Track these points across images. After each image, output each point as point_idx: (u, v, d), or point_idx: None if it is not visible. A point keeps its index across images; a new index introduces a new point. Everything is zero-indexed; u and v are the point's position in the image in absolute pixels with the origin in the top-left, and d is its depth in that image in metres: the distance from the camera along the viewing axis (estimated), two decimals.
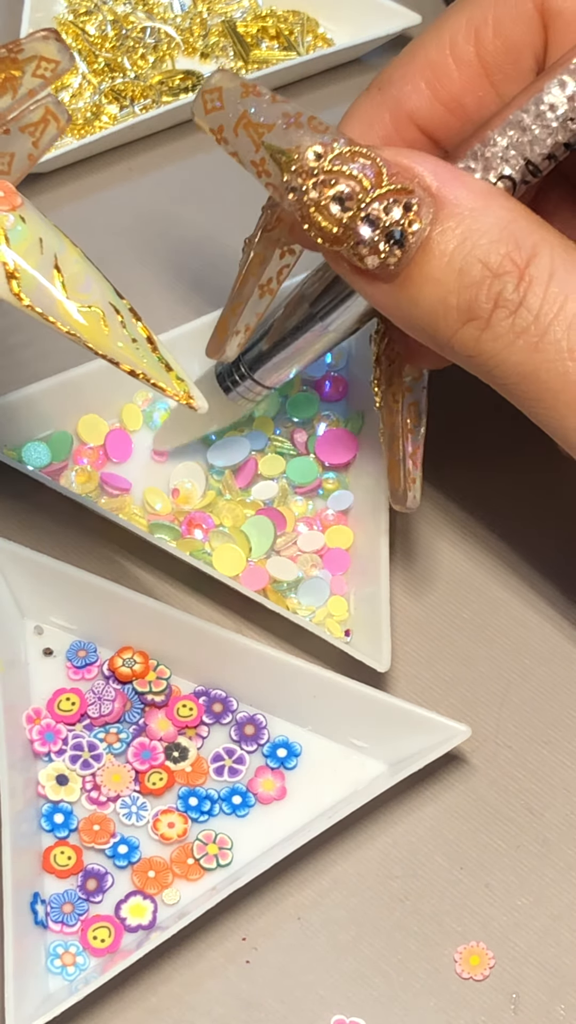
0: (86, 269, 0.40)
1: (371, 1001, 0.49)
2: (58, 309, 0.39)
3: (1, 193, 0.39)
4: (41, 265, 0.39)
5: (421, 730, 0.51)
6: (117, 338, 0.40)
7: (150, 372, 0.40)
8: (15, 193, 0.39)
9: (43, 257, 0.39)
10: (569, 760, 0.53)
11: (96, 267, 0.41)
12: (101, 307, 0.40)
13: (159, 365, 0.40)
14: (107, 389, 0.58)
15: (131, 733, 0.52)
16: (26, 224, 0.39)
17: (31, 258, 0.39)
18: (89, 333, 0.40)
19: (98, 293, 0.40)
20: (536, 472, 0.59)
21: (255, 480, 0.58)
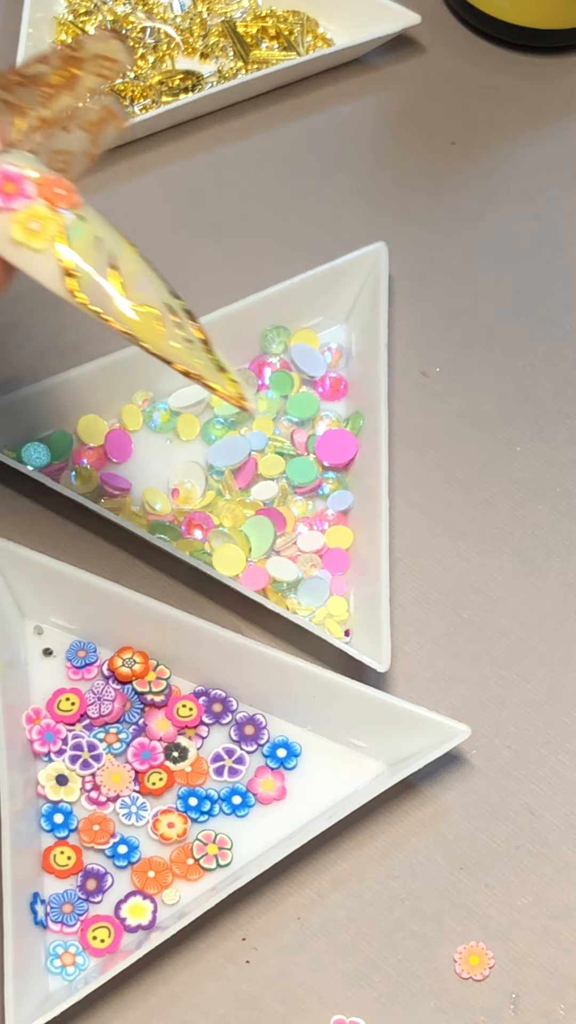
0: (143, 269, 0.40)
1: (371, 1001, 0.49)
2: (113, 308, 0.39)
3: (62, 191, 0.39)
4: (98, 264, 0.39)
5: (421, 730, 0.51)
6: (171, 338, 0.40)
7: (204, 372, 0.40)
8: (75, 191, 0.39)
9: (100, 256, 0.39)
10: (569, 760, 0.53)
11: (153, 267, 0.40)
12: (156, 307, 0.40)
13: (212, 366, 0.40)
14: (107, 389, 0.58)
15: (131, 733, 0.52)
16: (85, 223, 0.39)
17: (89, 257, 0.39)
18: (144, 332, 0.39)
19: (154, 293, 0.40)
20: (535, 472, 0.59)
21: (255, 480, 0.58)
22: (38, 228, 0.38)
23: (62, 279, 0.38)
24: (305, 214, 0.65)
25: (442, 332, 0.62)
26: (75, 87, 0.44)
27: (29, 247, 0.38)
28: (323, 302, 0.61)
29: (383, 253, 0.61)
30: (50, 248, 0.38)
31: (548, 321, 0.63)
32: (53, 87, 0.44)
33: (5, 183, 0.38)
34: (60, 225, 0.38)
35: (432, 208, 0.66)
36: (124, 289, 0.39)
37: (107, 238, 0.40)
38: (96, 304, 0.39)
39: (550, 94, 0.69)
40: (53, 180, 0.39)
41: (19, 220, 0.38)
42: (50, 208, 0.38)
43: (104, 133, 0.46)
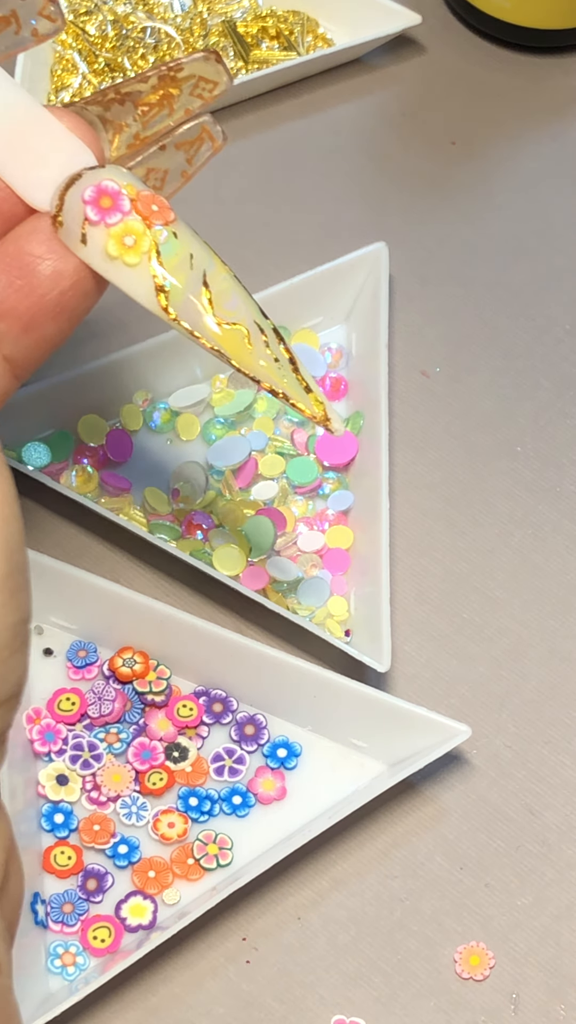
0: (233, 287, 0.40)
1: (371, 1001, 0.49)
2: (203, 324, 0.39)
3: (155, 207, 0.39)
4: (190, 281, 0.39)
5: (421, 730, 0.51)
6: (260, 356, 0.40)
7: (290, 392, 0.40)
8: (169, 208, 0.40)
9: (193, 273, 0.39)
10: (569, 760, 0.53)
11: (244, 286, 0.41)
12: (246, 325, 0.40)
13: (299, 385, 0.41)
14: (107, 389, 0.58)
15: (131, 733, 0.52)
16: (178, 240, 0.39)
17: (181, 273, 0.39)
18: (233, 350, 0.40)
19: (244, 311, 0.40)
20: (535, 472, 0.59)
21: (255, 480, 0.58)
22: (132, 243, 0.39)
23: (154, 294, 0.39)
24: (305, 214, 0.66)
25: (442, 332, 0.62)
26: (172, 106, 0.45)
27: (123, 261, 0.39)
28: (323, 302, 0.61)
29: (383, 253, 0.61)
30: (143, 263, 0.39)
31: (548, 321, 0.63)
32: (150, 106, 0.45)
33: (102, 197, 0.38)
34: (154, 241, 0.39)
35: (432, 208, 0.66)
36: (214, 306, 0.40)
37: (199, 255, 0.40)
38: (186, 320, 0.39)
39: (550, 94, 0.69)
40: (148, 196, 0.39)
41: (114, 235, 0.38)
42: (145, 224, 0.39)
43: (200, 153, 0.47)
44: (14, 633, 0.32)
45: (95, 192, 0.38)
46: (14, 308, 0.39)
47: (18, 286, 0.39)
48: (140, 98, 0.45)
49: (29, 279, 0.39)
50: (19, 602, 0.32)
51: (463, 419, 0.60)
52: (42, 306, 0.39)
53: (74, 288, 0.39)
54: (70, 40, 0.69)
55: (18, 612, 0.32)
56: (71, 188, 0.39)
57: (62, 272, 0.39)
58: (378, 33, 0.68)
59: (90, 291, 0.40)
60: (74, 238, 0.39)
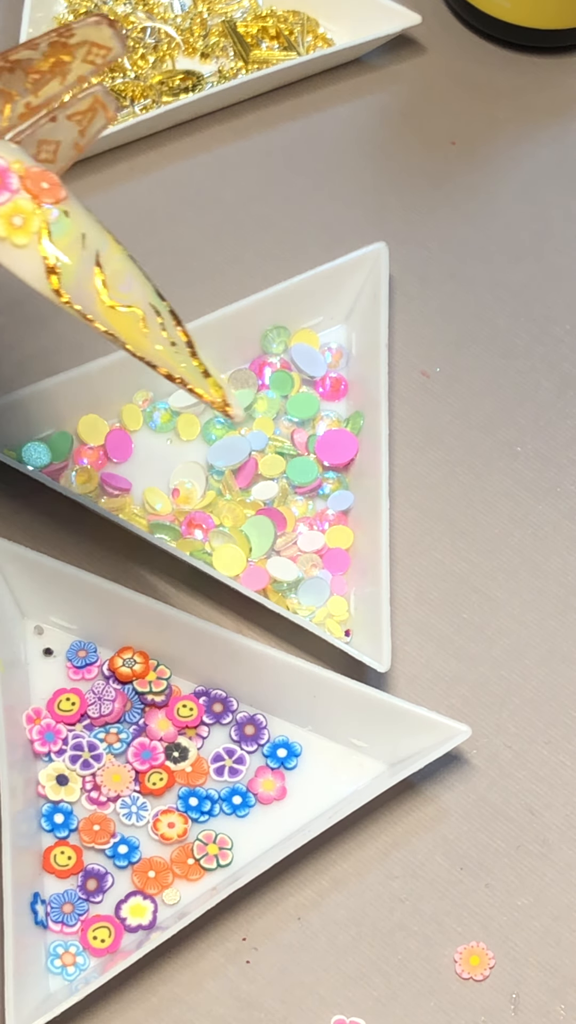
0: (128, 268, 0.39)
1: (371, 1001, 0.49)
2: (97, 307, 0.38)
3: (46, 185, 0.38)
4: (82, 261, 0.38)
5: (421, 730, 0.51)
6: (155, 340, 0.39)
7: (187, 377, 0.39)
8: (60, 185, 0.38)
9: (85, 253, 0.38)
10: (569, 760, 0.53)
11: (139, 266, 0.39)
12: (141, 307, 0.39)
13: (197, 370, 0.39)
14: (107, 389, 0.58)
15: (131, 733, 0.52)
16: (69, 219, 0.38)
17: (72, 254, 0.38)
18: (127, 333, 0.38)
19: (139, 293, 0.39)
20: (535, 472, 0.59)
21: (255, 480, 0.58)
22: (21, 223, 0.37)
23: (45, 276, 0.37)
24: (305, 214, 0.65)
25: (442, 332, 0.62)
26: (64, 74, 0.43)
27: (11, 242, 0.37)
28: (323, 302, 0.61)
29: (383, 253, 0.61)
30: (33, 244, 0.37)
31: (548, 321, 0.63)
32: (41, 73, 0.43)
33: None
34: (44, 220, 0.37)
35: (432, 208, 0.66)
36: (108, 288, 0.38)
37: (92, 235, 0.38)
38: (79, 303, 0.38)
39: (550, 94, 0.69)
40: (38, 173, 0.38)
41: (2, 214, 0.37)
42: (34, 202, 0.37)
43: (93, 124, 0.45)
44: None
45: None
46: None
47: None
48: (31, 65, 0.43)
49: None
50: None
51: (463, 419, 0.60)
52: None
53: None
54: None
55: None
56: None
57: None
58: (378, 33, 0.68)
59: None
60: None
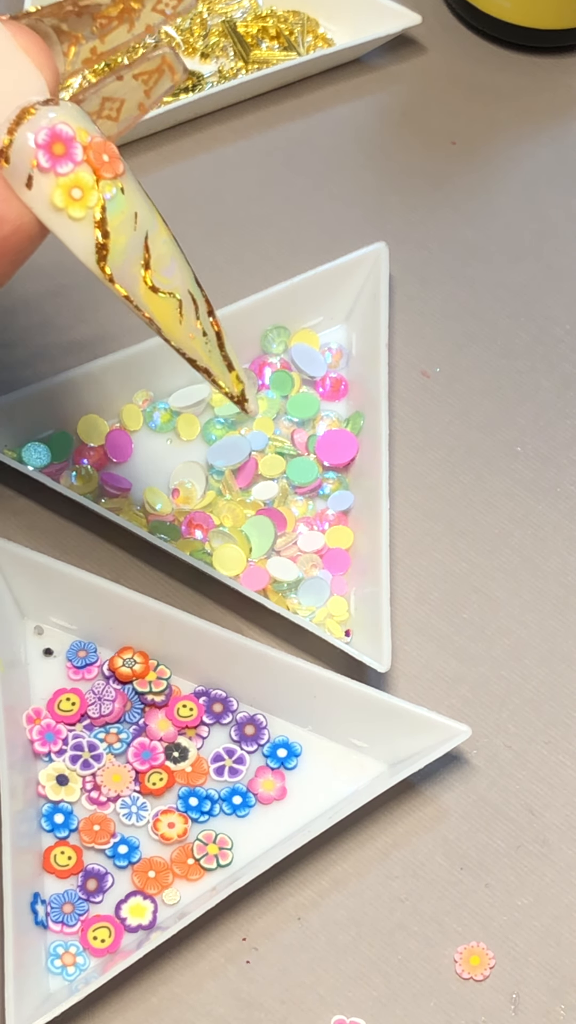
0: (172, 251, 0.39)
1: (371, 1001, 0.49)
2: (139, 289, 0.38)
3: (107, 157, 0.37)
4: (132, 242, 0.38)
5: (421, 730, 0.51)
6: (188, 329, 0.38)
7: (212, 368, 0.39)
8: (119, 159, 0.38)
9: (135, 234, 0.38)
10: (569, 760, 0.53)
11: (182, 251, 0.39)
12: (180, 294, 0.38)
13: (222, 363, 0.39)
14: (107, 389, 0.58)
15: (131, 733, 0.52)
16: (124, 196, 0.38)
17: (123, 233, 0.37)
18: (164, 320, 0.38)
19: (179, 279, 0.38)
20: (535, 472, 0.59)
21: (255, 480, 0.58)
22: (79, 196, 0.37)
23: (94, 252, 0.37)
24: (305, 214, 0.65)
25: (442, 332, 0.62)
26: (132, 21, 0.43)
27: (68, 214, 0.37)
28: (323, 302, 0.61)
29: (383, 253, 0.61)
30: (88, 219, 0.37)
31: (548, 321, 0.63)
32: (109, 19, 0.42)
33: (55, 143, 0.36)
34: (101, 196, 0.37)
35: (432, 208, 0.66)
36: (152, 271, 0.38)
37: (143, 215, 0.38)
38: (122, 283, 0.37)
39: (550, 94, 0.69)
40: (100, 144, 0.37)
41: (62, 185, 0.37)
42: (94, 176, 0.37)
43: (159, 84, 0.44)
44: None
45: (48, 136, 0.36)
46: None
47: None
48: (99, 11, 0.42)
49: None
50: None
51: (463, 419, 0.60)
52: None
53: (16, 233, 0.37)
54: None
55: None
56: (23, 125, 0.37)
57: (3, 216, 0.37)
58: (378, 33, 0.68)
59: (34, 235, 0.38)
60: (19, 179, 0.37)
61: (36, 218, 0.37)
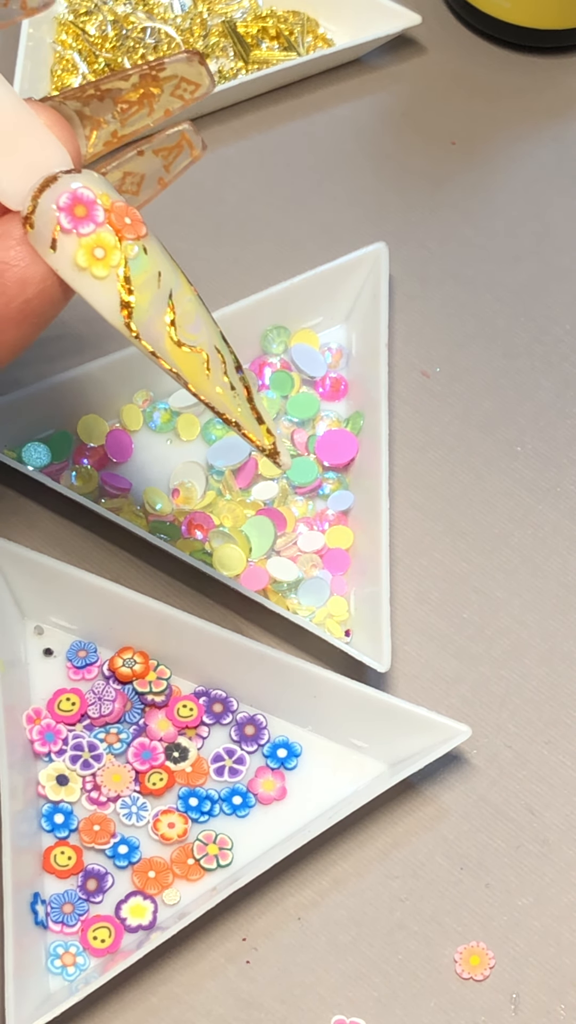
0: (197, 309, 0.40)
1: (371, 1001, 0.49)
2: (165, 345, 0.39)
3: (128, 220, 0.38)
4: (156, 299, 0.39)
5: (421, 730, 0.51)
6: (216, 383, 0.39)
7: (242, 421, 0.40)
8: (141, 222, 0.39)
9: (159, 291, 0.39)
10: (569, 760, 0.53)
11: (207, 309, 0.40)
12: (206, 350, 0.39)
13: (251, 416, 0.40)
14: (107, 389, 0.58)
15: (131, 733, 0.52)
16: (148, 256, 0.39)
17: (147, 291, 0.39)
18: (191, 374, 0.39)
19: (205, 335, 0.40)
20: (535, 472, 0.59)
21: (255, 480, 0.58)
22: (102, 256, 0.38)
23: (119, 310, 0.38)
24: (305, 214, 0.66)
25: (442, 332, 0.62)
26: (152, 106, 0.44)
27: (91, 273, 0.38)
28: (323, 302, 0.61)
29: (383, 253, 0.61)
30: (111, 277, 0.38)
31: (548, 321, 0.63)
32: (130, 103, 0.44)
33: (76, 205, 0.38)
34: (123, 256, 0.38)
35: (432, 208, 0.66)
36: (177, 327, 0.39)
37: (167, 274, 0.39)
38: (148, 339, 0.38)
39: (550, 94, 0.69)
40: (122, 208, 0.38)
41: (85, 245, 0.38)
42: (116, 237, 0.38)
43: (178, 160, 0.46)
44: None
45: (70, 199, 0.38)
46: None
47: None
48: (120, 95, 0.44)
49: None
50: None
51: (463, 419, 0.60)
52: (6, 312, 0.38)
53: (40, 296, 0.38)
54: (70, 40, 0.69)
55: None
56: (46, 191, 0.38)
57: (29, 279, 0.38)
58: (378, 33, 0.68)
59: (56, 299, 0.39)
60: (44, 243, 0.38)
61: (59, 281, 0.38)
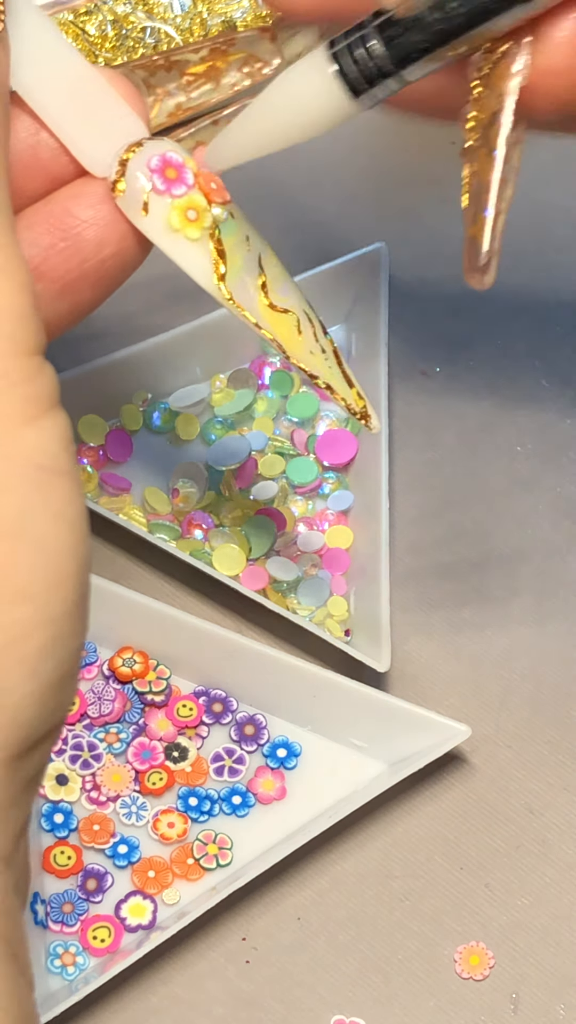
0: (284, 274, 0.40)
1: (371, 1001, 0.49)
2: (258, 309, 0.38)
3: (214, 185, 0.38)
4: (247, 262, 0.38)
5: (421, 730, 0.51)
6: (309, 346, 0.39)
7: (334, 384, 0.40)
8: (225, 189, 0.39)
9: (249, 255, 0.38)
10: (569, 760, 0.53)
11: (290, 275, 0.40)
12: (297, 313, 0.39)
13: (342, 379, 0.40)
14: (107, 389, 0.58)
15: (131, 733, 0.52)
16: (235, 220, 0.38)
17: (238, 254, 0.38)
18: (285, 338, 0.39)
19: (295, 299, 0.39)
20: (536, 472, 0.59)
21: (255, 480, 0.58)
22: (195, 217, 0.38)
23: (212, 272, 0.38)
24: (305, 214, 0.65)
25: (442, 332, 0.62)
26: (218, 79, 0.44)
27: (184, 235, 0.38)
28: (323, 302, 0.61)
29: (383, 253, 0.61)
30: (203, 240, 0.38)
31: (548, 321, 0.63)
32: (196, 76, 0.44)
33: (167, 168, 0.37)
34: (214, 218, 0.38)
35: (432, 208, 0.66)
36: (268, 291, 0.39)
37: (254, 239, 0.39)
38: (241, 302, 0.38)
39: None
40: (207, 174, 0.38)
41: (178, 207, 0.37)
42: (207, 200, 0.38)
43: None
44: (77, 658, 0.31)
45: (160, 162, 0.37)
46: (54, 270, 0.38)
47: (60, 248, 0.38)
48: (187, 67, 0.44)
49: (73, 242, 0.38)
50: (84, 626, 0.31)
51: (463, 419, 0.60)
52: (82, 271, 0.38)
53: (116, 256, 0.38)
54: (70, 40, 0.69)
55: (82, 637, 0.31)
56: (135, 155, 0.38)
57: (106, 239, 0.38)
58: None
59: (130, 261, 0.39)
60: (135, 207, 0.37)
61: (135, 243, 0.38)
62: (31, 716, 0.30)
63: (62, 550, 0.30)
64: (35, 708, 0.30)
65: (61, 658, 0.30)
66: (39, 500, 0.30)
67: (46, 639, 0.30)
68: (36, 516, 0.30)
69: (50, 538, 0.30)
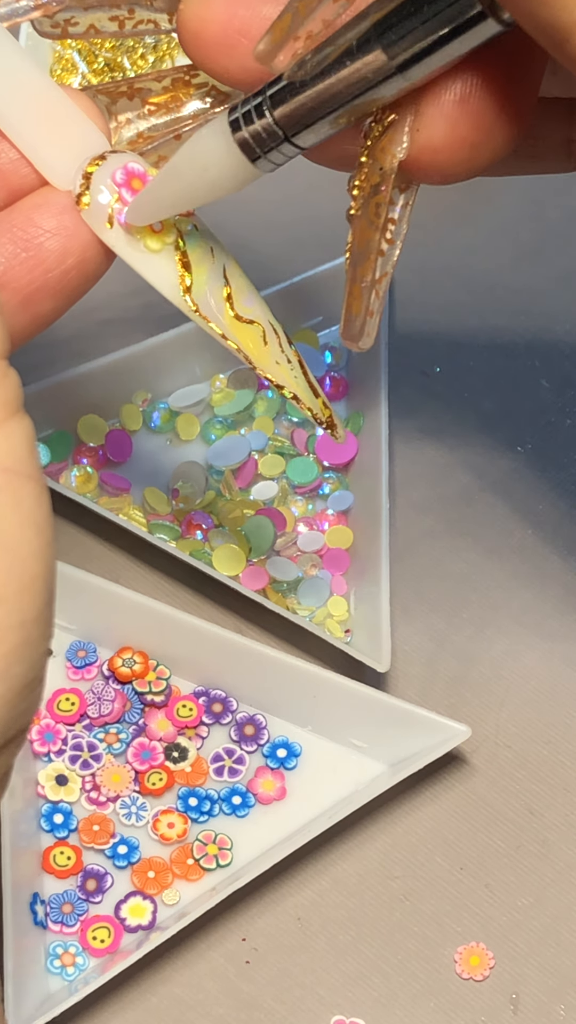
0: (249, 285, 0.40)
1: (371, 1001, 0.49)
2: (224, 320, 0.39)
3: None
4: (212, 273, 0.39)
5: (421, 730, 0.51)
6: (275, 357, 0.40)
7: (300, 393, 0.40)
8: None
9: (214, 266, 0.39)
10: (569, 760, 0.53)
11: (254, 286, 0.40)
12: (262, 323, 0.39)
13: (308, 389, 0.40)
14: (107, 389, 0.58)
15: (131, 733, 0.52)
16: (199, 231, 0.39)
17: (203, 265, 0.39)
18: (250, 347, 0.39)
19: (259, 309, 0.40)
20: (536, 472, 0.59)
21: (255, 480, 0.58)
22: (159, 229, 0.38)
23: (177, 283, 0.38)
24: (305, 214, 0.65)
25: (442, 332, 0.62)
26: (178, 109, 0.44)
27: (146, 245, 0.38)
28: (323, 302, 0.61)
29: None
30: (168, 250, 0.38)
31: (548, 321, 0.63)
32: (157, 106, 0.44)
33: (132, 179, 0.38)
34: (179, 230, 0.38)
35: (432, 208, 0.66)
36: (233, 302, 0.39)
37: (218, 250, 0.40)
38: (206, 313, 0.38)
39: None
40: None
41: None
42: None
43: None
44: (44, 662, 0.31)
45: (125, 174, 0.38)
46: (16, 280, 0.38)
47: (23, 259, 0.38)
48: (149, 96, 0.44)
49: (36, 252, 0.38)
50: (51, 631, 0.31)
51: (463, 419, 0.60)
52: (44, 281, 0.38)
53: (78, 268, 0.38)
54: (70, 40, 0.69)
55: (48, 641, 0.31)
56: (99, 168, 0.38)
57: (69, 250, 0.38)
58: None
59: (92, 272, 0.39)
60: (100, 219, 0.38)
61: (97, 254, 0.38)
62: (0, 719, 0.30)
63: (31, 554, 0.30)
64: (4, 711, 0.29)
65: (32, 661, 0.30)
66: (8, 503, 0.30)
67: (17, 642, 0.29)
68: (6, 519, 0.30)
69: (19, 541, 0.30)
